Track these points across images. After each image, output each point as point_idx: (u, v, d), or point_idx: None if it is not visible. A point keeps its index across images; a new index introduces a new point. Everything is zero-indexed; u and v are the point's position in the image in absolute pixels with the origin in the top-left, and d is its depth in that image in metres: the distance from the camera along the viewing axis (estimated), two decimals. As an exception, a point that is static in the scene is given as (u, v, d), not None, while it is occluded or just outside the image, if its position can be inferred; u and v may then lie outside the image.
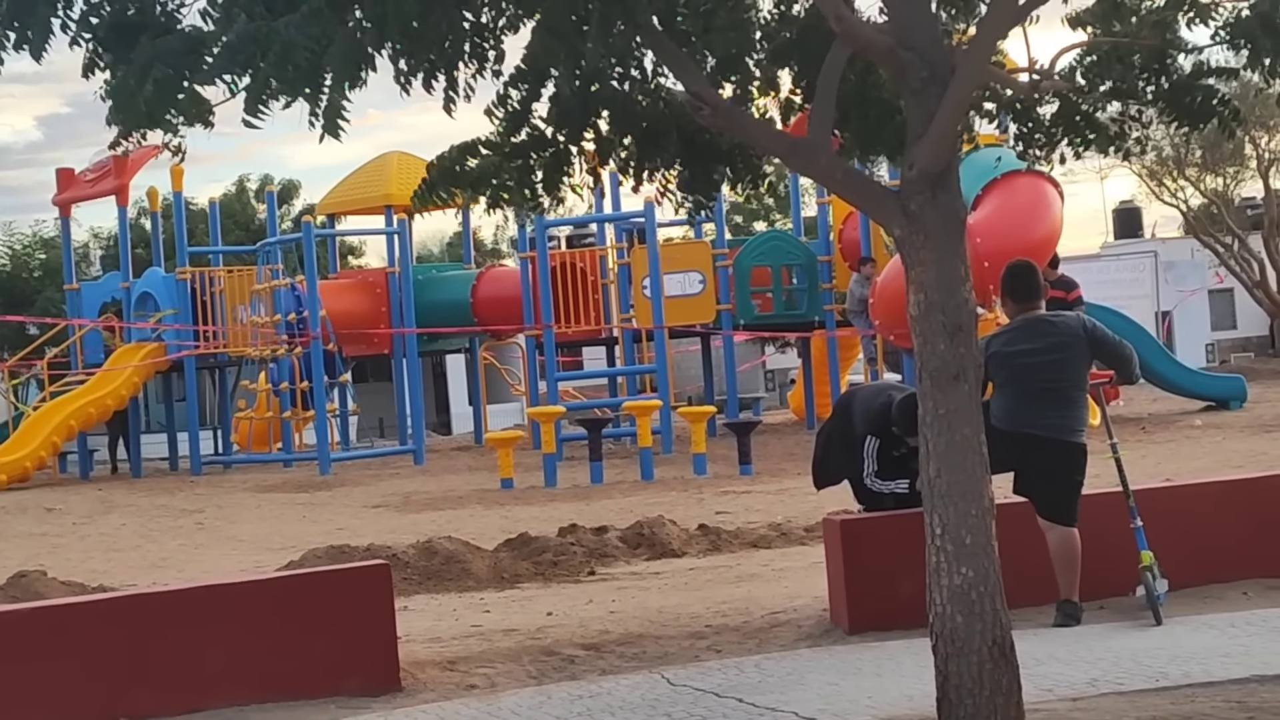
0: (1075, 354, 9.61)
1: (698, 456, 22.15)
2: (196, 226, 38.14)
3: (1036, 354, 9.55)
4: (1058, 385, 9.58)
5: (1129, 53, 8.31)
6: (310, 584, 9.38)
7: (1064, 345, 9.60)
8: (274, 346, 28.81)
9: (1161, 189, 46.45)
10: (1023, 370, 9.56)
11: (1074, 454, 9.59)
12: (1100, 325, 9.75)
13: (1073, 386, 9.64)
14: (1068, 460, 9.58)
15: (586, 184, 8.33)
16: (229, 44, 6.56)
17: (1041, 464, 9.52)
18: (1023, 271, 10.03)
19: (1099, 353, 9.69)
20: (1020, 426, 9.50)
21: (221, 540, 18.05)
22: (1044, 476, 9.57)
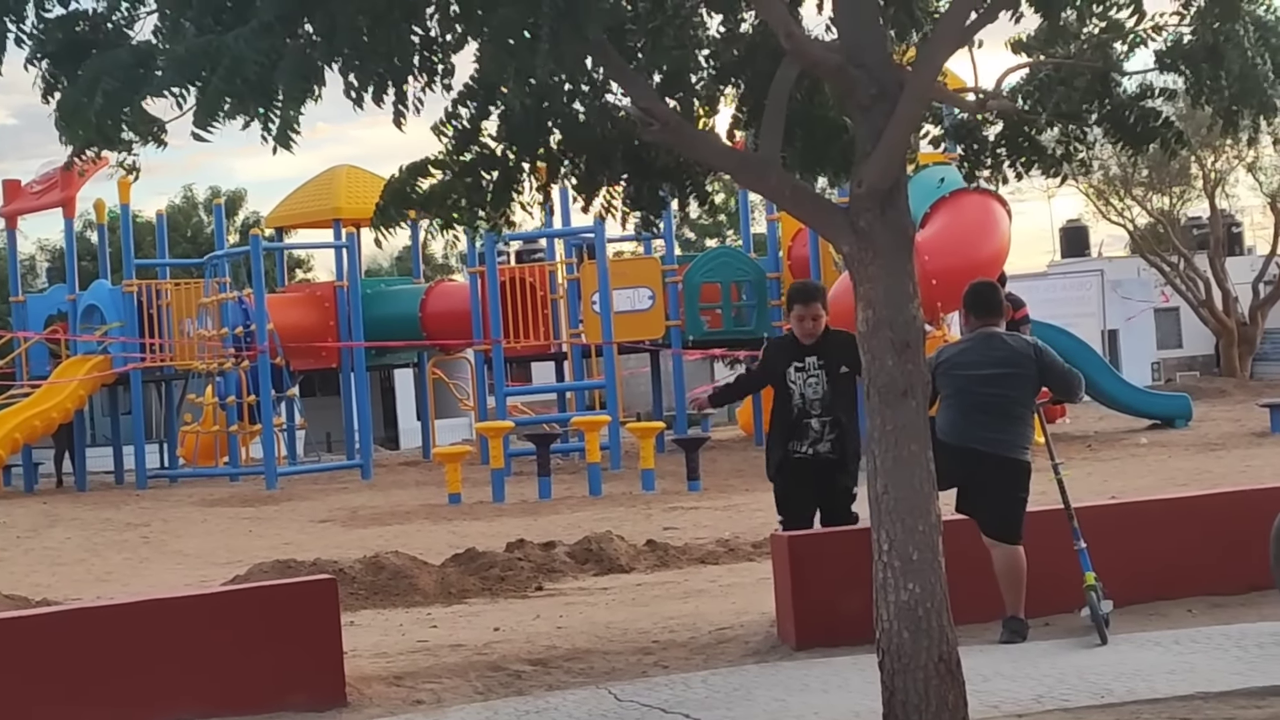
0: (1022, 373, 9.65)
1: (646, 472, 22.16)
2: (144, 239, 37.97)
3: (984, 369, 9.59)
4: (1001, 402, 9.62)
5: (1072, 75, 8.38)
6: (255, 599, 9.33)
7: (1012, 364, 9.63)
8: (221, 360, 28.70)
9: (1108, 208, 46.76)
10: (968, 384, 9.61)
11: (1016, 471, 9.62)
12: (1050, 350, 9.79)
13: (1017, 404, 9.68)
14: (1010, 477, 9.60)
15: (536, 201, 8.34)
16: (178, 57, 6.54)
17: (984, 480, 9.55)
18: (985, 288, 10.20)
19: (1046, 376, 9.74)
20: (963, 440, 9.55)
21: (167, 555, 17.96)
22: (987, 493, 9.60)
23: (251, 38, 6.39)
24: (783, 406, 10.31)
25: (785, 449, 10.29)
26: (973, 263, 22.91)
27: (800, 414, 10.20)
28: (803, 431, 10.23)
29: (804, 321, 10.23)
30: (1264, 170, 45.02)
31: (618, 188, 8.61)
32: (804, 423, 10.22)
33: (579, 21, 6.93)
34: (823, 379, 10.18)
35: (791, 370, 10.25)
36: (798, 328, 10.28)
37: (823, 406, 10.17)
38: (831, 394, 10.18)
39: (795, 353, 10.29)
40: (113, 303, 30.01)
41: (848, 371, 10.01)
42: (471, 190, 8.09)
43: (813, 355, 10.22)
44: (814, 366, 10.21)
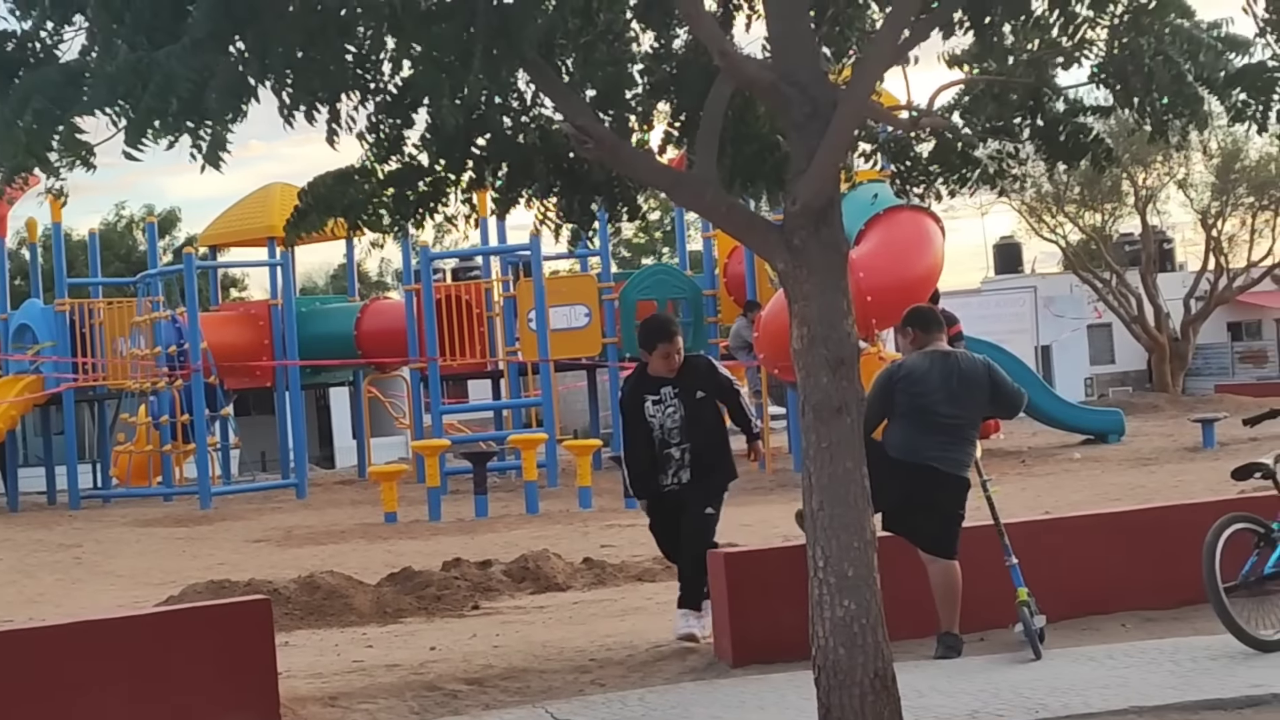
0: (978, 396, 9.71)
1: (583, 490, 22.14)
2: (76, 258, 37.73)
3: (945, 390, 9.63)
4: (960, 423, 9.69)
5: (1005, 91, 8.43)
6: (189, 619, 9.26)
7: (970, 384, 9.69)
8: (154, 379, 28.51)
9: (1041, 225, 47.05)
10: (930, 404, 9.63)
11: (961, 488, 9.69)
12: (999, 369, 9.83)
13: (970, 425, 9.76)
14: (955, 494, 9.67)
15: (461, 213, 8.33)
16: (109, 75, 6.50)
17: (932, 497, 9.59)
18: (925, 308, 10.39)
19: (996, 395, 9.77)
20: (921, 459, 9.58)
21: (100, 575, 17.81)
22: (934, 509, 9.63)
23: (183, 55, 6.36)
24: (643, 439, 10.44)
25: (654, 483, 10.48)
26: (907, 280, 23.04)
27: (661, 444, 10.37)
28: (664, 462, 10.41)
29: (670, 358, 10.40)
30: (1195, 187, 45.43)
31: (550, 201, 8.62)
32: (665, 453, 10.39)
33: (512, 39, 6.94)
34: (680, 407, 10.35)
35: (649, 404, 10.42)
36: (662, 365, 10.40)
37: (681, 435, 10.36)
38: (687, 421, 10.35)
39: (649, 386, 10.47)
40: (45, 322, 29.77)
41: (705, 397, 10.39)
42: (396, 199, 8.08)
43: (667, 386, 10.40)
44: (670, 396, 10.38)
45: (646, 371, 10.53)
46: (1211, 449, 24.83)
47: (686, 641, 10.22)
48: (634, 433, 10.51)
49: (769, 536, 15.41)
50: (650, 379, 10.47)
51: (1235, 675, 8.58)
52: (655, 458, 10.40)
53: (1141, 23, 7.84)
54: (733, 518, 18.81)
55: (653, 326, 10.65)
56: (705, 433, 10.39)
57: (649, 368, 10.49)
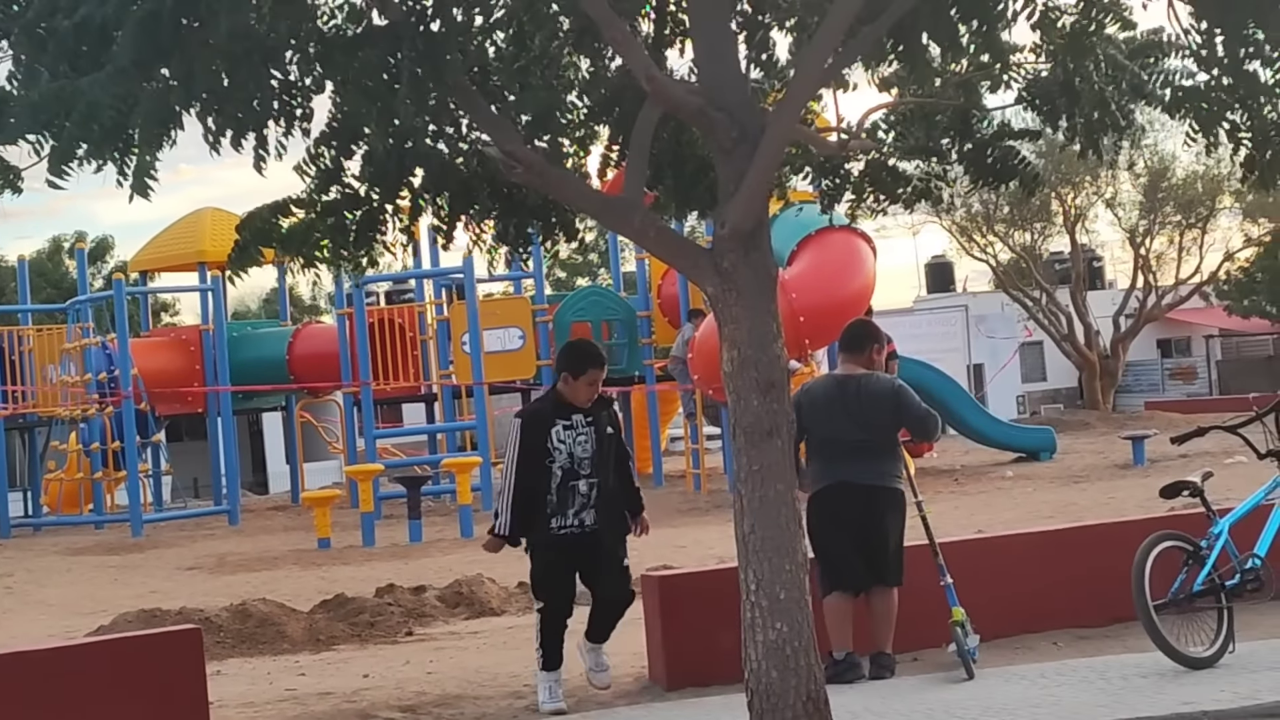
0: (882, 414, 9.72)
1: (517, 513, 22.06)
2: (6, 285, 37.42)
3: (843, 412, 9.67)
4: (865, 443, 9.71)
5: (934, 113, 8.48)
6: (120, 649, 9.19)
7: (872, 404, 9.70)
8: (85, 406, 28.29)
9: (971, 244, 47.35)
10: (831, 430, 9.71)
11: (894, 499, 9.71)
12: (908, 392, 9.85)
13: (880, 444, 9.75)
14: (889, 505, 9.67)
15: (400, 241, 8.32)
16: (31, 103, 6.46)
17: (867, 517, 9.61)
18: (853, 324, 10.30)
19: (904, 417, 9.78)
20: (835, 478, 9.64)
21: (30, 605, 17.65)
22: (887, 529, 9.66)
23: (107, 83, 6.34)
24: (541, 474, 9.44)
25: (547, 525, 9.48)
26: (839, 299, 23.10)
27: (566, 476, 9.41)
28: (567, 498, 9.44)
29: (595, 386, 9.52)
30: (1123, 205, 45.83)
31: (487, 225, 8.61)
32: (570, 485, 9.43)
33: (439, 65, 6.94)
34: (592, 437, 9.48)
35: (560, 429, 9.46)
36: (585, 392, 9.50)
37: (591, 466, 9.46)
38: (598, 455, 9.50)
39: (561, 412, 9.53)
40: (-28, 350, 29.54)
41: (613, 435, 9.60)
42: (334, 230, 8.05)
43: (579, 413, 9.52)
44: (582, 424, 9.49)
45: (559, 398, 9.60)
46: (1142, 466, 25.00)
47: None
48: (528, 465, 9.46)
49: (703, 558, 15.41)
50: (562, 405, 9.54)
51: (1165, 693, 8.64)
52: (548, 495, 9.44)
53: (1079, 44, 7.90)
54: (667, 539, 18.87)
55: (586, 350, 9.88)
56: (612, 472, 9.54)
57: (563, 394, 9.56)
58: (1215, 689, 8.62)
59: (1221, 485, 12.04)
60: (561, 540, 9.46)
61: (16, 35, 6.59)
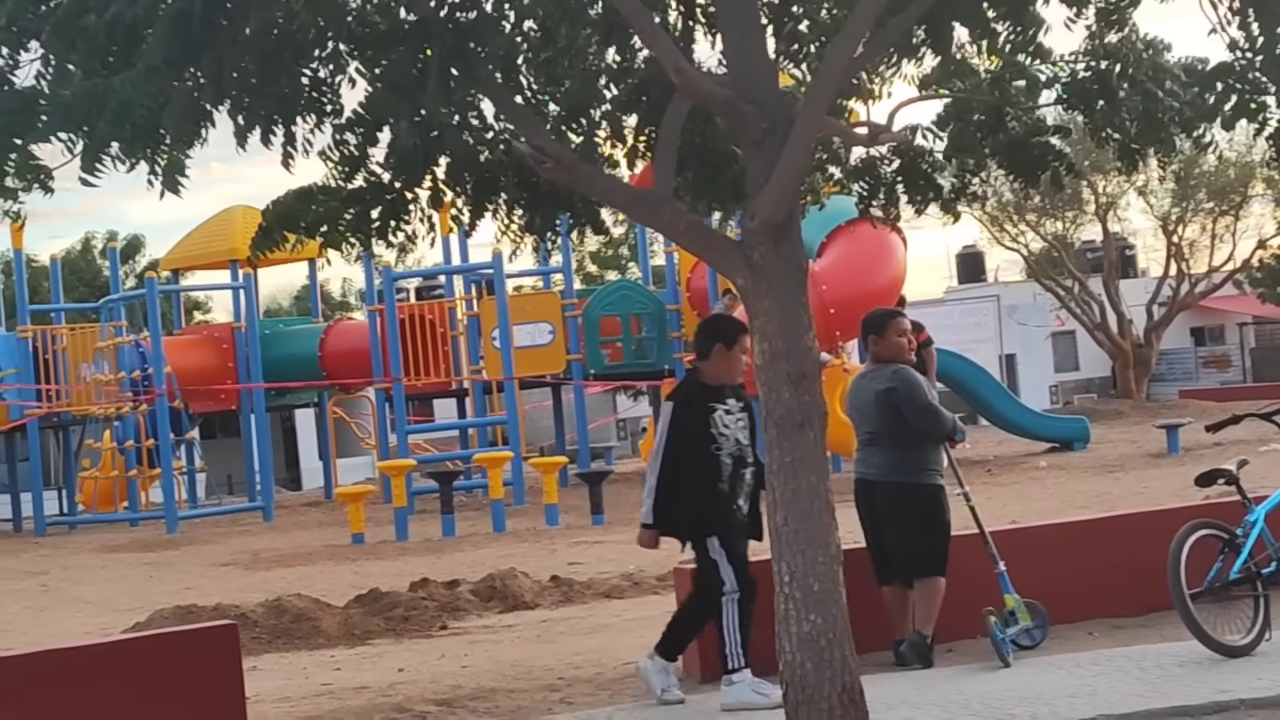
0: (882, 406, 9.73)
1: (550, 507, 22.11)
2: (39, 284, 37.56)
3: (858, 405, 9.79)
4: (872, 435, 9.80)
5: (968, 110, 8.46)
6: (156, 646, 9.23)
7: (877, 397, 9.75)
8: (119, 404, 28.40)
9: (1003, 234, 47.20)
10: (856, 421, 9.93)
11: (897, 493, 9.69)
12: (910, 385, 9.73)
13: (883, 436, 9.76)
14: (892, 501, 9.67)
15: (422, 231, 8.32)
16: (64, 102, 6.48)
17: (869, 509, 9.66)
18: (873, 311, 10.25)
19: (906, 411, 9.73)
20: (855, 470, 9.83)
21: (67, 602, 17.73)
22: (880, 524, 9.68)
23: (138, 81, 6.35)
24: (711, 459, 8.78)
25: (730, 509, 8.85)
26: (869, 291, 23.08)
27: (736, 464, 8.85)
28: (738, 487, 8.86)
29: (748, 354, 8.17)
30: (1154, 194, 45.62)
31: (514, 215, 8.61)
32: (739, 474, 8.86)
33: (467, 59, 6.95)
34: (745, 421, 8.92)
35: (721, 414, 8.82)
36: (740, 364, 8.83)
37: (752, 453, 8.90)
38: (754, 439, 8.89)
39: (714, 395, 8.87)
40: (7, 349, 29.61)
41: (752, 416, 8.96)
42: (358, 217, 8.07)
43: (731, 397, 8.92)
44: (737, 409, 8.93)
45: (705, 380, 8.93)
46: (1176, 454, 24.92)
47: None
48: (697, 455, 8.77)
49: (736, 551, 15.39)
50: (711, 388, 8.86)
51: (1202, 681, 8.61)
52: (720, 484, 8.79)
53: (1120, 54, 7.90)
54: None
55: (729, 319, 9.40)
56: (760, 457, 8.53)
57: (710, 374, 8.90)
58: (1252, 677, 8.60)
59: (1257, 473, 11.97)
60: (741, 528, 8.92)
61: (47, 34, 6.61)
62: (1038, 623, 9.79)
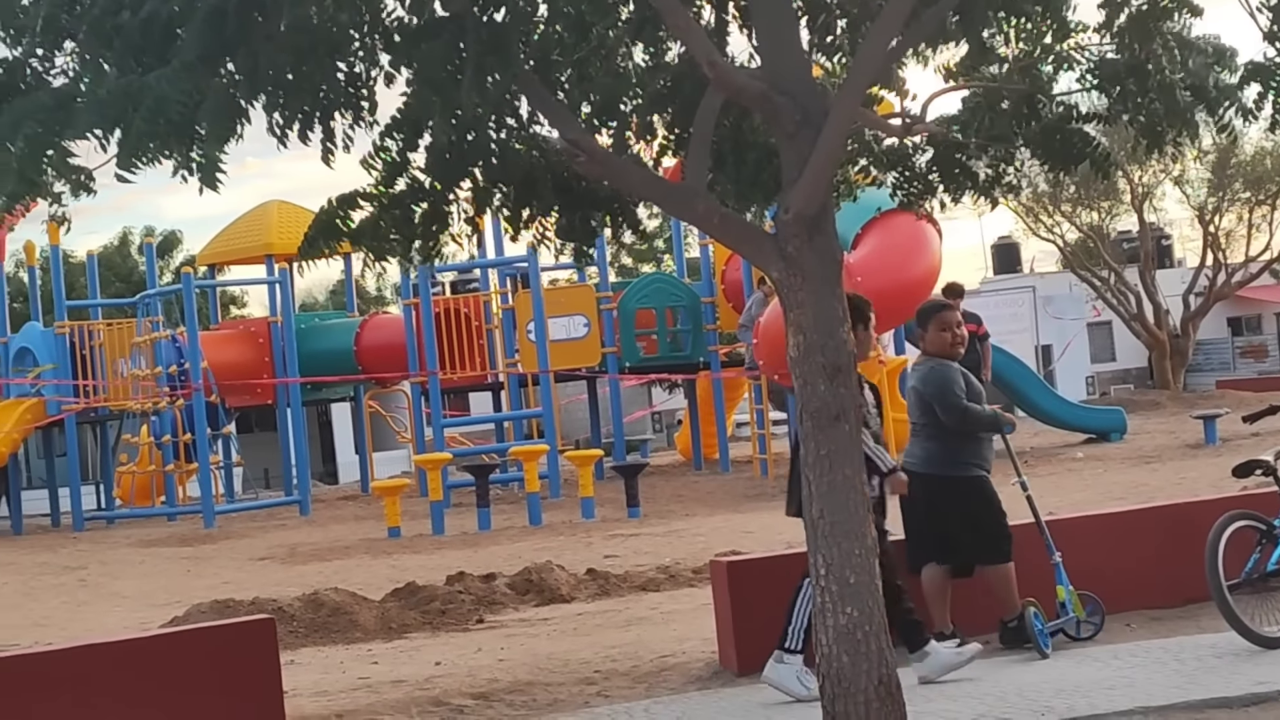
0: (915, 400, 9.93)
1: (585, 500, 22.13)
2: (76, 280, 37.74)
3: (906, 395, 9.94)
4: (914, 425, 9.99)
5: (999, 98, 8.43)
6: (194, 640, 9.28)
7: (911, 391, 9.98)
8: (155, 399, 28.52)
9: (1038, 224, 47.07)
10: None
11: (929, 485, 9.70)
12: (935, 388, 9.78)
13: (921, 426, 9.89)
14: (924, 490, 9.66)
15: (465, 233, 8.33)
16: (100, 99, 6.51)
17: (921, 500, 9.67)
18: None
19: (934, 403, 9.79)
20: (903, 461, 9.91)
21: (105, 597, 17.81)
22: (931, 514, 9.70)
23: (173, 78, 6.37)
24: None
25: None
26: (905, 283, 23.03)
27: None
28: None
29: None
30: (1191, 184, 45.44)
31: (550, 220, 8.62)
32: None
33: (503, 55, 6.96)
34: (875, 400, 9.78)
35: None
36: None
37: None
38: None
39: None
40: (45, 345, 29.76)
41: None
42: (401, 222, 8.08)
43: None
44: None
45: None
46: (1214, 445, 24.81)
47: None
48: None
49: (772, 543, 15.40)
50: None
51: (1240, 673, 8.59)
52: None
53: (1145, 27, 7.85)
54: (735, 524, 18.89)
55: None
56: None
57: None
58: (1290, 669, 8.58)
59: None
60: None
61: (84, 33, 6.64)
62: (1091, 613, 9.78)
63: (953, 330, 9.91)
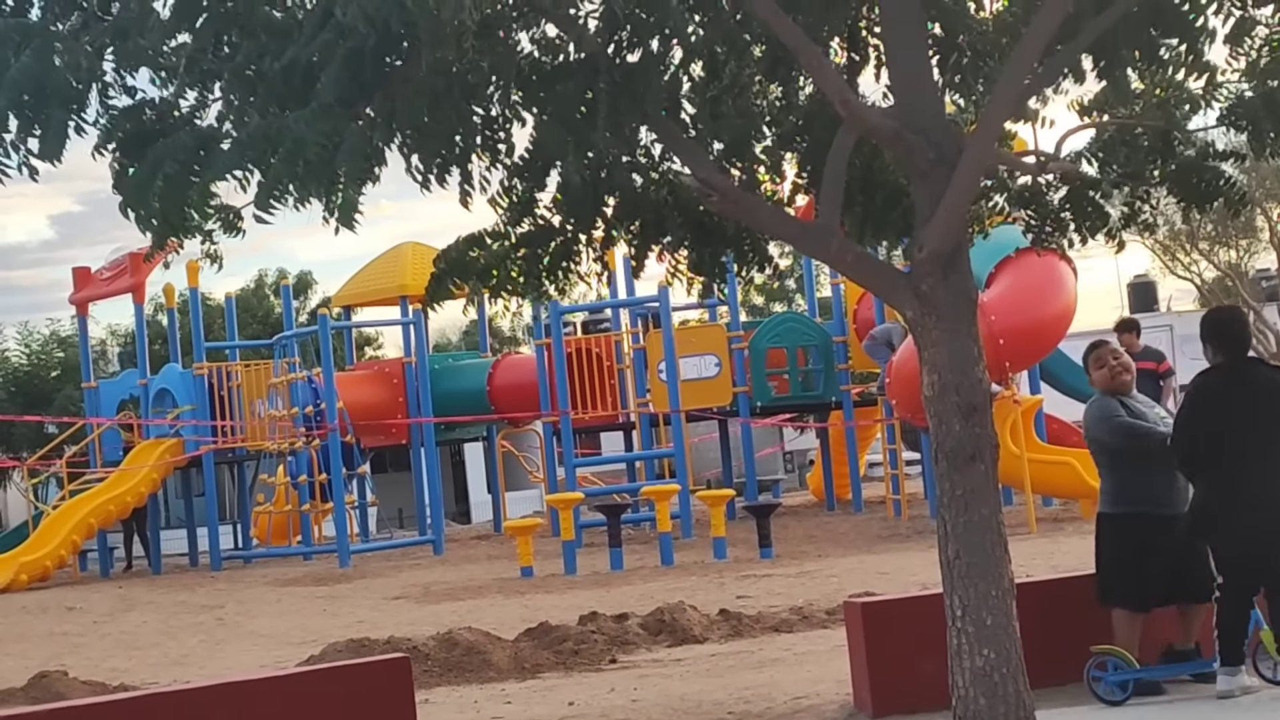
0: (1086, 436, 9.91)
1: (717, 540, 22.07)
2: (214, 322, 38.25)
3: None
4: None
5: (1135, 136, 8.36)
6: (329, 679, 9.35)
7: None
8: (292, 440, 28.83)
9: (1175, 263, 46.56)
10: None
11: (1097, 522, 9.67)
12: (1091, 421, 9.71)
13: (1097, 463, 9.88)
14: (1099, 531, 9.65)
15: (594, 272, 8.37)
16: (239, 140, 6.61)
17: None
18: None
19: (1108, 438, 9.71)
20: None
21: (242, 636, 18.00)
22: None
23: (312, 119, 6.46)
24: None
25: None
26: (1040, 321, 22.84)
27: None
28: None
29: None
30: (1331, 220, 44.78)
31: (681, 255, 8.63)
32: None
33: (636, 95, 6.99)
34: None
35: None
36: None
37: None
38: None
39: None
40: (184, 386, 30.19)
41: None
42: (528, 261, 8.13)
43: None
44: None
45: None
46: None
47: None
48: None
49: (906, 584, 15.30)
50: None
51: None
52: None
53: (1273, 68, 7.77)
54: (869, 565, 18.78)
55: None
56: None
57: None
58: None
59: None
60: None
61: (227, 78, 6.75)
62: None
63: (1109, 364, 9.74)
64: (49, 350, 45.39)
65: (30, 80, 6.78)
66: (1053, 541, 19.59)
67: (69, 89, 6.87)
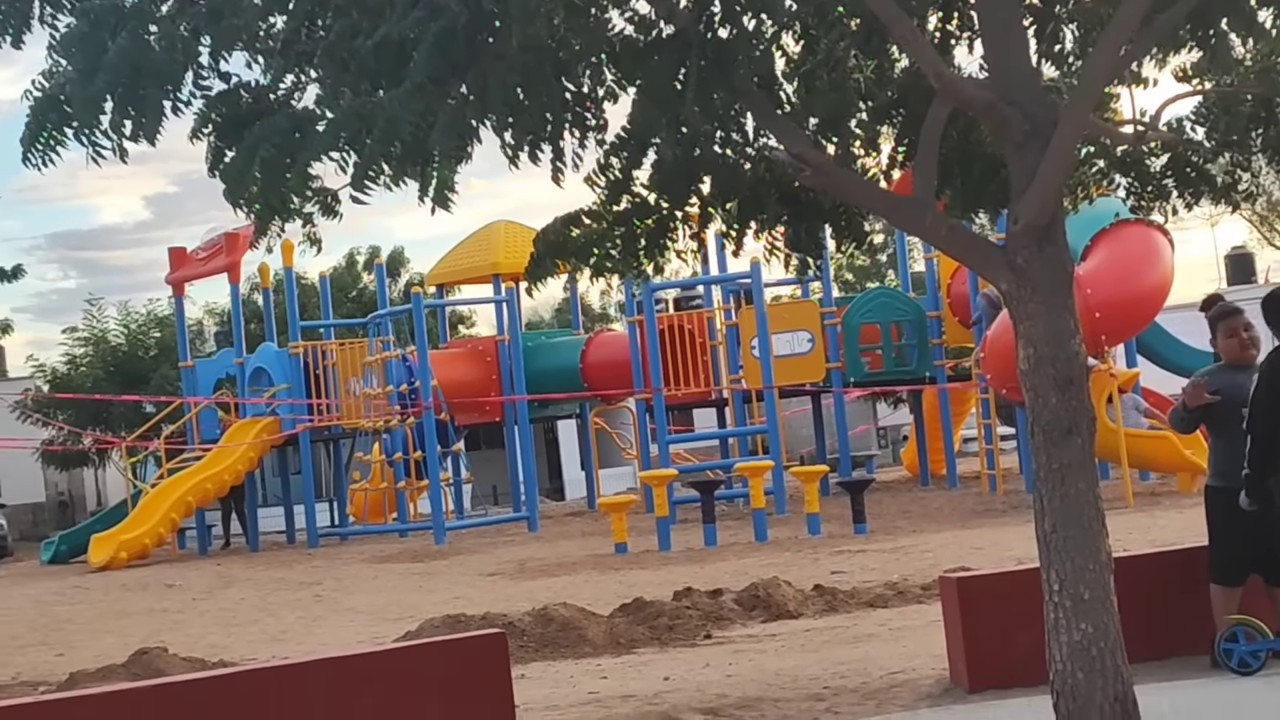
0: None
1: (811, 516, 22.05)
2: (308, 300, 38.53)
3: None
4: None
5: (1235, 103, 8.25)
6: (427, 654, 9.40)
7: None
8: (387, 418, 29.02)
9: (1273, 233, 45.98)
10: None
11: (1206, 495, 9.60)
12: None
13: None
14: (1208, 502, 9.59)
15: (690, 249, 8.35)
16: (334, 121, 6.64)
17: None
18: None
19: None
20: None
21: (340, 612, 18.15)
22: None
23: (406, 99, 6.47)
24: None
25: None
26: (1136, 294, 22.66)
27: None
28: None
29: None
30: None
31: (777, 231, 8.60)
32: None
33: (727, 71, 6.97)
34: None
35: None
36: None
37: None
38: None
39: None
40: (280, 365, 30.46)
41: None
42: (625, 239, 8.12)
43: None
44: None
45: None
46: None
47: None
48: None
49: (1001, 559, 15.23)
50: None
51: None
52: None
53: None
54: (964, 540, 18.70)
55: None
56: None
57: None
58: None
59: None
60: None
61: (320, 58, 6.78)
62: None
63: (1240, 335, 9.59)
64: (146, 330, 45.87)
65: (127, 62, 6.83)
66: (1149, 516, 19.44)
67: (165, 70, 6.92)
